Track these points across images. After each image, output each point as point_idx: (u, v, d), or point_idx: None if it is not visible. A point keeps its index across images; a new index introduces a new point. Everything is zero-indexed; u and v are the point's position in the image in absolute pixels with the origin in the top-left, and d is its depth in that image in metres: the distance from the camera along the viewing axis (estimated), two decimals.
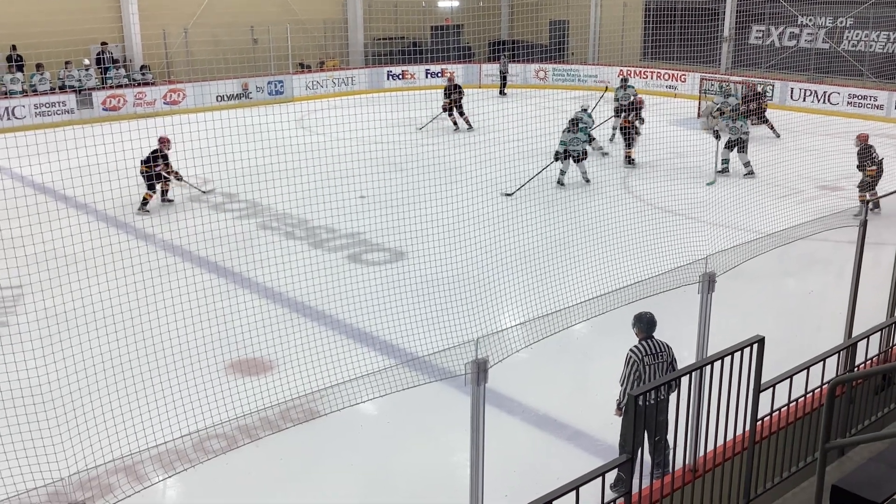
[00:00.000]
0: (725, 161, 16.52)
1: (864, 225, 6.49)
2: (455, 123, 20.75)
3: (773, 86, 24.07)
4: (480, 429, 4.46)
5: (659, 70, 26.32)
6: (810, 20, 25.37)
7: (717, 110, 19.77)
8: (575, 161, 15.76)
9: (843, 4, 23.92)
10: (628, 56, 28.05)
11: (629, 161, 17.18)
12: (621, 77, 20.72)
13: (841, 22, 24.72)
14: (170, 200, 14.67)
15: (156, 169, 13.91)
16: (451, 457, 7.14)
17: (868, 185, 13.22)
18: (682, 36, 25.04)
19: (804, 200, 14.24)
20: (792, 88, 23.73)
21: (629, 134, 17.42)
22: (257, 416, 5.91)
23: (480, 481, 4.56)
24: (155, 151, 14.08)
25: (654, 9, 27.61)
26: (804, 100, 23.36)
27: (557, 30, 30.23)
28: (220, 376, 7.90)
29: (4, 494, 5.05)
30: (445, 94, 20.84)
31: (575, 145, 15.70)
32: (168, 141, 14.22)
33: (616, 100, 19.42)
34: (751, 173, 16.14)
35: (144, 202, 14.03)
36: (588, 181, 15.72)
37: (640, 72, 26.76)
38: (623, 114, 18.38)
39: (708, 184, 15.62)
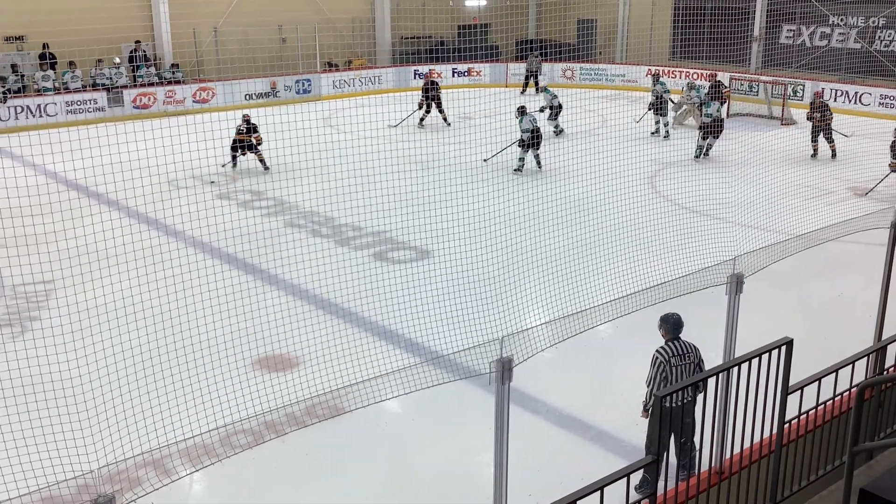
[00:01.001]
0: (700, 148, 17.64)
1: (894, 227, 6.41)
2: (422, 120, 20.92)
3: (804, 86, 23.79)
4: (505, 427, 4.47)
5: (688, 69, 26.10)
6: (842, 20, 25.04)
7: (677, 104, 20.29)
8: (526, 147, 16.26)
9: (876, 4, 23.58)
10: (657, 55, 27.85)
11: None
12: (652, 74, 20.93)
13: (873, 22, 24.36)
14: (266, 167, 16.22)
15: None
16: (475, 456, 7.15)
17: None
18: (711, 35, 24.82)
19: (835, 202, 14.07)
20: (823, 88, 23.42)
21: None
22: (283, 411, 5.95)
23: (504, 480, 4.57)
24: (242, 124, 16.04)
25: (683, 8, 27.39)
26: (835, 100, 23.04)
27: (585, 29, 30.10)
28: (246, 372, 7.97)
29: (35, 486, 5.13)
30: (424, 91, 21.05)
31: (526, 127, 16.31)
32: (248, 117, 16.10)
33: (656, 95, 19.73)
34: (704, 155, 17.47)
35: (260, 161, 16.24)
36: (521, 167, 16.30)
37: (669, 71, 26.55)
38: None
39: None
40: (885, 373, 5.62)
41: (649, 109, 19.70)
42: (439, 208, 12.14)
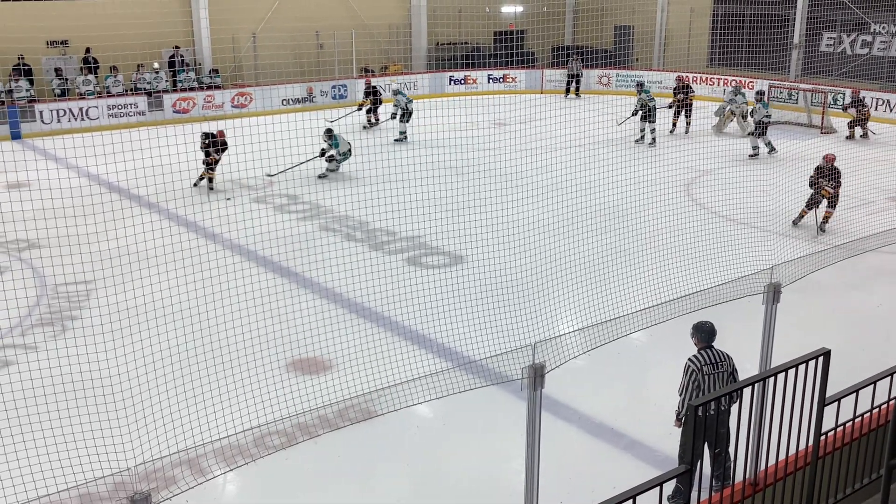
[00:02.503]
0: (755, 148, 18.04)
1: None
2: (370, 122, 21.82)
3: (844, 94, 23.45)
4: (536, 434, 4.46)
5: (726, 77, 25.85)
6: (884, 28, 24.63)
7: (729, 110, 20.07)
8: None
9: None
10: (695, 62, 27.63)
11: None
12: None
13: None
14: (211, 188, 15.26)
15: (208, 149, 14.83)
16: (506, 462, 7.14)
17: None
18: (750, 42, 24.56)
19: (874, 212, 13.84)
20: (863, 97, 23.08)
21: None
22: (315, 413, 6.00)
23: (535, 487, 4.56)
24: (209, 136, 14.88)
25: (722, 14, 27.15)
26: (875, 109, 22.66)
27: (622, 35, 29.95)
28: (280, 374, 8.04)
29: (73, 482, 5.23)
30: (367, 94, 22.07)
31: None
32: (223, 135, 15.04)
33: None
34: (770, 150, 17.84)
35: (208, 179, 15.09)
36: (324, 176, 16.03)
37: (707, 78, 26.32)
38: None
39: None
40: None
41: (633, 115, 19.70)
42: (473, 214, 12.16)
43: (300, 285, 10.93)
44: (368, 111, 22.11)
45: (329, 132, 16.30)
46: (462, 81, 27.60)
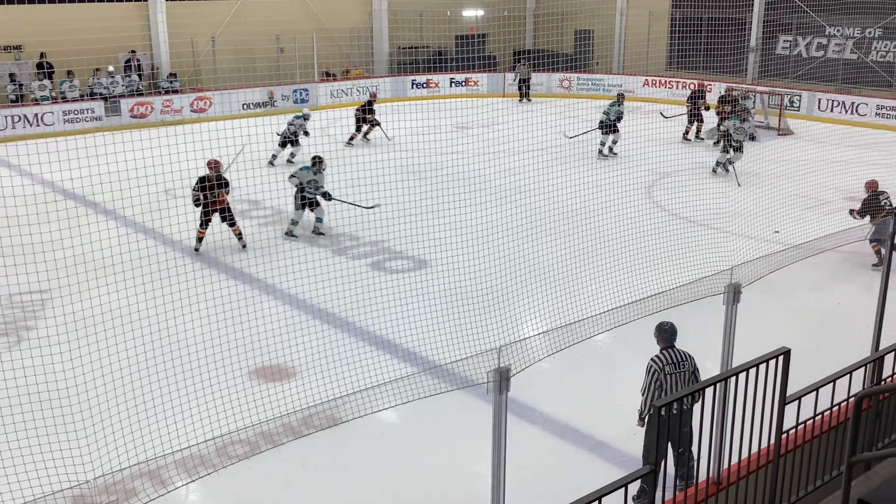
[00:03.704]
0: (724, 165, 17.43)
1: (892, 237, 6.42)
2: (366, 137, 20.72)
3: (801, 96, 23.89)
4: (502, 437, 4.45)
5: (684, 80, 26.20)
6: (838, 31, 25.14)
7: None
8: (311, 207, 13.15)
9: (872, 15, 23.68)
10: (653, 66, 27.95)
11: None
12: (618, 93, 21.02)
13: (869, 32, 24.47)
14: (244, 246, 12.38)
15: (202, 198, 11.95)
16: (473, 466, 7.12)
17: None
18: (708, 46, 24.91)
19: (831, 212, 14.09)
20: (819, 99, 23.53)
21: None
22: (279, 422, 5.94)
23: (502, 490, 4.55)
24: (203, 178, 12.00)
25: (679, 18, 27.52)
26: (832, 110, 23.14)
27: (582, 39, 30.21)
28: (242, 382, 7.95)
29: (30, 496, 5.11)
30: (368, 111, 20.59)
31: (313, 188, 13.08)
32: (218, 164, 12.08)
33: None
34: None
35: (199, 240, 12.16)
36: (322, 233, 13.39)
37: (666, 81, 26.65)
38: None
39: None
40: (882, 383, 5.62)
41: (598, 128, 18.92)
42: (436, 218, 12.13)
43: (262, 292, 10.83)
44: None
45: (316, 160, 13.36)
46: (424, 85, 27.63)
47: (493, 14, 29.72)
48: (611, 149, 18.79)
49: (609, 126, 18.66)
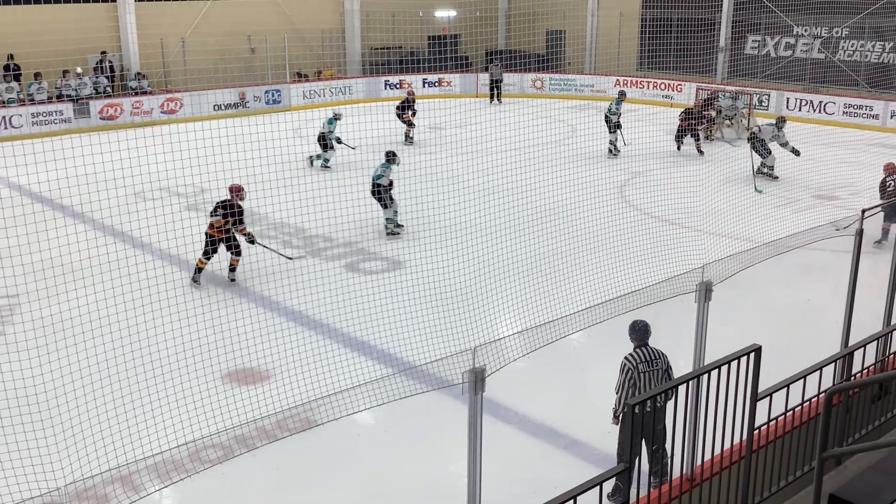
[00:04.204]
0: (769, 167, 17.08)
1: (859, 234, 6.50)
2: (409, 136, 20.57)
3: (769, 95, 24.16)
4: (478, 438, 4.45)
5: (655, 80, 26.40)
6: (806, 30, 25.47)
7: (724, 116, 20.25)
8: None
9: (839, 15, 24.02)
10: (625, 66, 28.14)
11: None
12: (619, 89, 21.05)
13: (836, 32, 24.81)
14: (232, 279, 11.31)
15: (225, 228, 11.11)
16: (449, 466, 7.13)
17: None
18: (678, 46, 25.14)
19: (801, 210, 14.27)
20: (788, 98, 23.82)
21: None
22: (254, 425, 5.90)
23: (478, 490, 4.55)
24: (224, 202, 11.21)
25: (650, 19, 27.73)
26: (800, 109, 23.43)
27: (554, 40, 30.35)
28: (216, 386, 7.88)
29: None
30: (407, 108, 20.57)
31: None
32: (241, 190, 11.46)
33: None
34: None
35: (198, 270, 11.16)
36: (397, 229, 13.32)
37: (637, 81, 26.84)
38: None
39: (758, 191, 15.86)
40: (852, 378, 5.69)
41: (618, 128, 19.21)
42: (411, 219, 12.13)
43: (236, 294, 10.75)
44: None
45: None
46: (397, 86, 27.58)
47: (466, 15, 29.77)
48: (615, 146, 19.18)
49: (616, 124, 19.06)
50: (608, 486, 4.62)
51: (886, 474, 4.77)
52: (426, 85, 27.84)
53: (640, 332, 6.51)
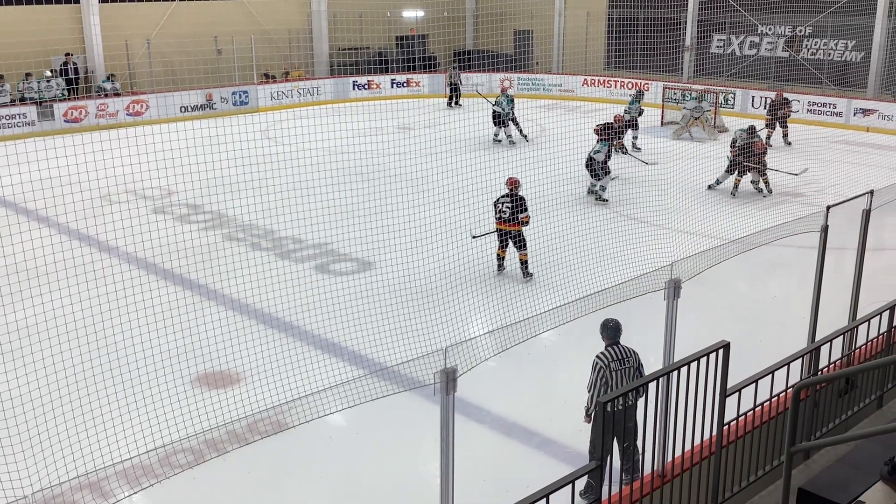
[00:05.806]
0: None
1: (825, 230, 6.60)
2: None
3: (735, 94, 24.43)
4: (450, 438, 4.46)
5: (622, 79, 26.59)
6: (770, 29, 25.80)
7: (692, 117, 20.40)
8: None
9: (802, 14, 24.36)
10: (592, 65, 28.30)
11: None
12: (636, 89, 21.09)
13: (800, 31, 25.17)
14: (529, 274, 11.26)
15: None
16: (422, 466, 7.12)
17: None
18: (644, 46, 25.35)
19: (766, 206, 14.44)
20: (753, 96, 24.10)
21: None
22: (224, 429, 5.84)
23: (450, 490, 4.56)
24: (507, 195, 11.47)
25: (616, 18, 27.93)
26: (765, 108, 23.72)
27: (522, 39, 30.44)
28: (186, 390, 7.81)
29: None
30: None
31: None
32: (517, 183, 11.63)
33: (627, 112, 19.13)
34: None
35: (500, 258, 11.45)
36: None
37: (604, 81, 27.01)
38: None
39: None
40: (819, 373, 5.77)
41: (635, 127, 19.12)
42: (380, 219, 12.10)
43: (205, 297, 10.64)
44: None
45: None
46: (366, 86, 27.50)
47: (434, 15, 29.76)
48: (633, 144, 19.04)
49: (631, 123, 19.00)
50: (580, 483, 4.65)
51: (854, 467, 4.84)
52: (394, 85, 27.76)
53: (611, 330, 6.55)
